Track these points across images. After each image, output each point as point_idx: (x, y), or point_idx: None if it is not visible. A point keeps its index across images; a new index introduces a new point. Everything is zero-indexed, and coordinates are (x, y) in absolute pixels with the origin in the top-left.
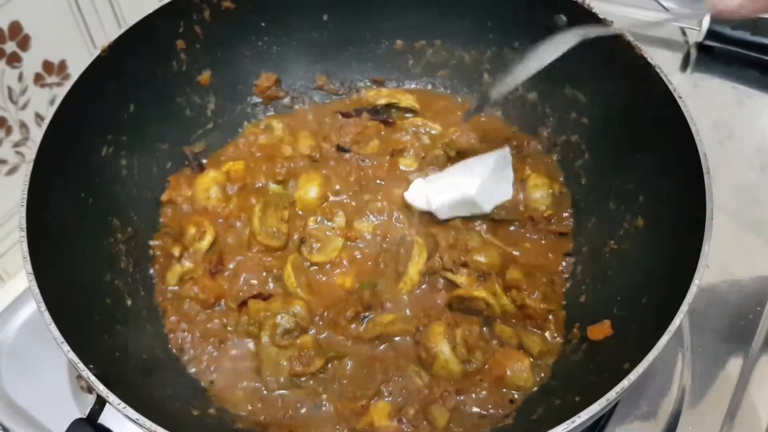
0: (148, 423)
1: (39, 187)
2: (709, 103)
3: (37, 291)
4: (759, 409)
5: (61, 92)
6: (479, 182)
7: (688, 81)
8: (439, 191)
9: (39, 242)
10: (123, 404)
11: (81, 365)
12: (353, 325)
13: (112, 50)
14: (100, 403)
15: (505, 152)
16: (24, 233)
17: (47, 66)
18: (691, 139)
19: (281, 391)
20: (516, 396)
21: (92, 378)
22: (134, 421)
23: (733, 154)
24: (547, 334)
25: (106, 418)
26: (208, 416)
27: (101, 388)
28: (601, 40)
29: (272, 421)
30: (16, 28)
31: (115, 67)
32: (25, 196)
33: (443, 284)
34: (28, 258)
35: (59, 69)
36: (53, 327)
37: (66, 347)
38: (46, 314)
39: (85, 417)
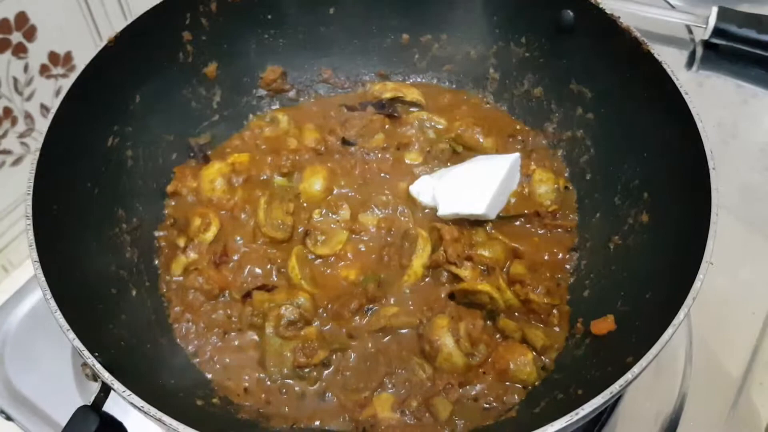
0: (153, 410)
1: (45, 176)
2: (713, 101)
3: (43, 279)
4: (760, 409)
5: (67, 83)
6: (488, 199)
7: (693, 79)
8: (447, 198)
9: (44, 231)
10: (128, 392)
11: (86, 352)
12: (357, 317)
13: (118, 41)
14: (105, 390)
15: (516, 158)
16: (30, 221)
17: (53, 57)
18: (697, 135)
19: (285, 382)
20: (519, 389)
21: (97, 365)
22: (139, 409)
23: (737, 153)
24: (550, 328)
25: (110, 407)
26: (212, 406)
27: (106, 376)
28: (608, 36)
29: (275, 412)
30: (22, 18)
31: (121, 58)
32: (31, 184)
33: (447, 278)
34: (34, 246)
35: (65, 60)
36: (59, 314)
37: (71, 335)
38: (52, 302)
39: (89, 404)
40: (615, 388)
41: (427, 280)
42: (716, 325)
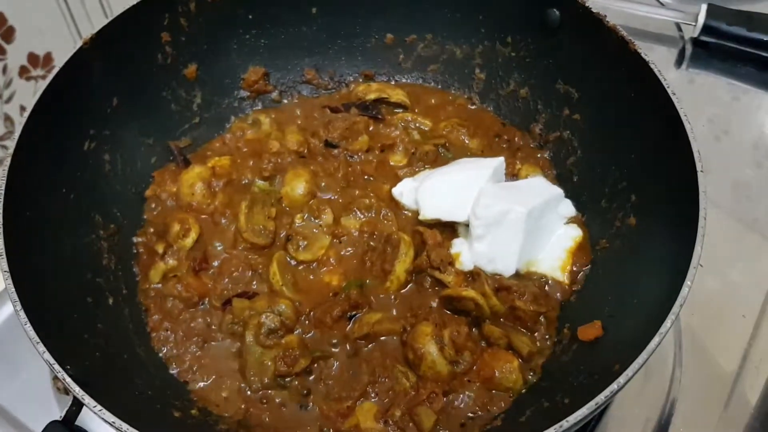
0: (125, 426)
1: (17, 181)
2: (704, 98)
3: (13, 290)
4: (753, 410)
5: None
6: (470, 207)
7: (683, 76)
8: (429, 203)
9: (17, 239)
10: (99, 407)
11: (57, 366)
12: (340, 324)
13: (94, 42)
14: (77, 404)
15: (500, 162)
16: (0, 229)
17: (32, 58)
18: (685, 137)
19: (265, 392)
20: (505, 397)
21: (68, 380)
22: (111, 424)
23: (728, 150)
24: (536, 334)
25: (84, 420)
26: (190, 417)
27: (77, 390)
28: (595, 35)
29: (256, 423)
30: None
31: (98, 59)
32: (2, 191)
33: (431, 283)
34: (5, 255)
35: (45, 61)
36: (29, 327)
37: (41, 347)
38: (22, 313)
39: (61, 419)
40: (600, 398)
41: (410, 285)
42: (706, 327)
